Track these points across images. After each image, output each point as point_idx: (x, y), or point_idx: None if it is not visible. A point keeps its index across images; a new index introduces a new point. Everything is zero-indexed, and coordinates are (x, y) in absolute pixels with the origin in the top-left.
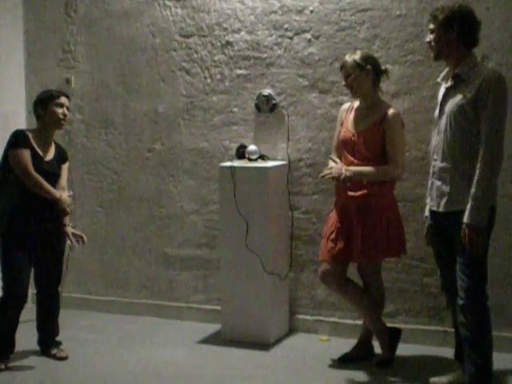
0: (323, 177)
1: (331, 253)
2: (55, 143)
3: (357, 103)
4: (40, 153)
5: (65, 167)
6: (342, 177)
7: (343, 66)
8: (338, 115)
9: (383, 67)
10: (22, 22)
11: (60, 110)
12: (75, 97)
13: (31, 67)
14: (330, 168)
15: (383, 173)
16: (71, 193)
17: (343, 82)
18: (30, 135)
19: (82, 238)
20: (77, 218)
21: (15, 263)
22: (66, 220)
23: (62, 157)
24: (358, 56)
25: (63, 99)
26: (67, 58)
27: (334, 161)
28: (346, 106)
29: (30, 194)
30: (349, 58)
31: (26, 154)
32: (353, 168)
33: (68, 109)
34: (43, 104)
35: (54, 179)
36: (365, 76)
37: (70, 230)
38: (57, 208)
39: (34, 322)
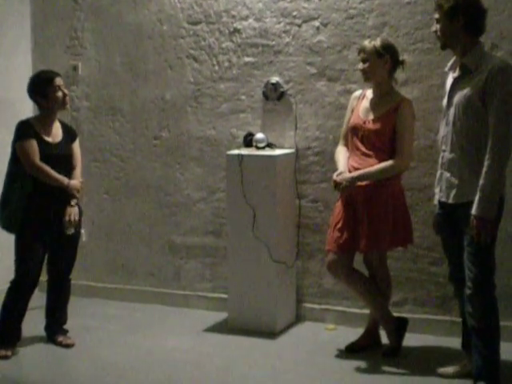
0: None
1: (337, 243)
2: (61, 123)
3: (369, 91)
4: (47, 138)
5: (75, 145)
6: (343, 185)
7: (362, 51)
8: (346, 103)
9: (401, 58)
10: (29, 8)
11: (60, 93)
12: (82, 84)
13: (38, 54)
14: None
15: (388, 171)
16: (81, 180)
17: (359, 66)
18: (35, 122)
19: (71, 223)
20: (83, 205)
21: (29, 248)
22: (72, 201)
23: (71, 136)
24: (378, 43)
25: (58, 80)
26: (74, 44)
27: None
28: (357, 93)
29: (42, 182)
30: (369, 44)
31: (30, 145)
32: (356, 173)
33: (65, 87)
34: (41, 91)
35: (66, 160)
36: (382, 64)
37: (69, 211)
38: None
39: (41, 309)
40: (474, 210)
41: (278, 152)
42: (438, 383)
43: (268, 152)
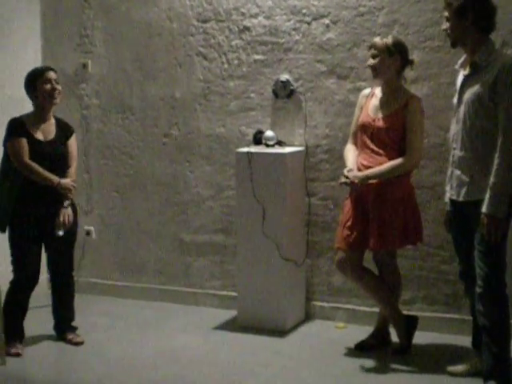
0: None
1: (347, 241)
2: (57, 119)
3: (378, 89)
4: (39, 136)
5: (71, 142)
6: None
7: (372, 46)
8: (356, 101)
9: (410, 58)
10: (39, 6)
11: (48, 86)
12: (92, 82)
13: (48, 52)
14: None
15: (398, 168)
16: (74, 178)
17: (369, 61)
18: (27, 120)
19: (63, 225)
20: (93, 202)
21: (23, 246)
22: (65, 202)
23: (65, 133)
24: (390, 40)
25: (50, 74)
26: (84, 42)
27: (348, 171)
28: (366, 91)
29: (32, 180)
30: (380, 41)
31: (21, 144)
32: (367, 172)
33: (57, 82)
34: (31, 84)
35: (58, 159)
36: (391, 62)
37: (63, 212)
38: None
39: (49, 307)
40: (484, 208)
41: (287, 150)
42: (447, 381)
43: (277, 150)
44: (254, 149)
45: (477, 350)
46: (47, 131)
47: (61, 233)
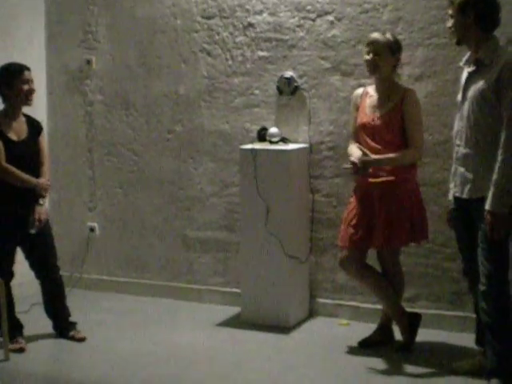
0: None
1: (351, 239)
2: (26, 116)
3: (371, 88)
4: (12, 136)
5: (42, 139)
6: (361, 165)
7: (374, 42)
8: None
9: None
10: (43, 3)
11: (26, 86)
12: (96, 78)
13: (52, 48)
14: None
15: (404, 158)
16: (49, 178)
17: (367, 57)
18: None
19: (39, 223)
20: (97, 199)
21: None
22: (41, 200)
23: (36, 130)
24: (392, 39)
25: (28, 74)
26: (88, 38)
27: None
28: (359, 91)
29: (8, 183)
30: (382, 38)
31: None
32: (372, 157)
33: (32, 82)
34: (8, 82)
35: (32, 158)
36: (392, 60)
37: (38, 209)
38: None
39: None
40: (487, 205)
41: (291, 147)
42: (451, 379)
43: (281, 147)
44: (258, 145)
45: (480, 347)
46: (19, 130)
47: (33, 231)
